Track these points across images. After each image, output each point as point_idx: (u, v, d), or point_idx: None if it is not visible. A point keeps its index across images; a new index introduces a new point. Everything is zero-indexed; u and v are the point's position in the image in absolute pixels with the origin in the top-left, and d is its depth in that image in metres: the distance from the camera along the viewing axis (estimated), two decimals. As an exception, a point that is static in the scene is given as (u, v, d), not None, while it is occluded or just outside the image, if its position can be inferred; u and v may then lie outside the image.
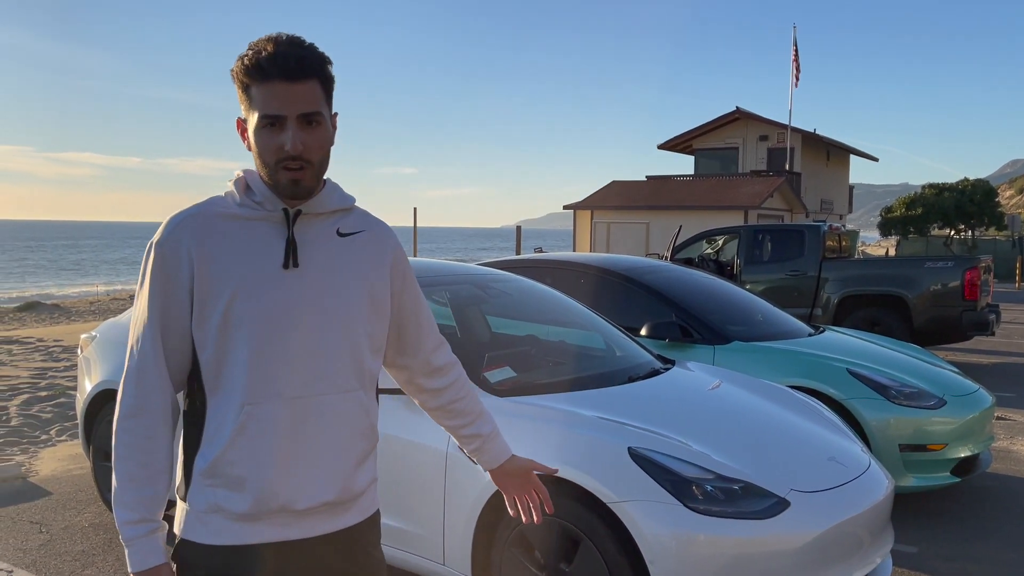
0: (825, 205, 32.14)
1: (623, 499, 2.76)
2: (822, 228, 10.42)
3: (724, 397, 3.62)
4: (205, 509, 1.55)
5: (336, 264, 1.61)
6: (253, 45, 1.51)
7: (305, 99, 1.49)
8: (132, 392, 1.54)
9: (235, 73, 1.52)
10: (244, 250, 1.54)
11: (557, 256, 6.21)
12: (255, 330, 1.52)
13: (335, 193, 1.64)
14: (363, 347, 1.64)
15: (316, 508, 1.59)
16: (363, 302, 1.63)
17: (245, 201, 1.56)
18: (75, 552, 4.02)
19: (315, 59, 1.51)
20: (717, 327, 5.20)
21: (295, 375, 1.55)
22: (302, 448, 1.56)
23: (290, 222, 1.57)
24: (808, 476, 3.02)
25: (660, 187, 27.71)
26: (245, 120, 1.56)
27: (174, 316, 1.54)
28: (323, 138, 1.54)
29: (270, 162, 1.51)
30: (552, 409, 3.17)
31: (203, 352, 1.55)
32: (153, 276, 1.54)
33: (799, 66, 28.20)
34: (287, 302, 1.54)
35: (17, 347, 10.90)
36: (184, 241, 1.53)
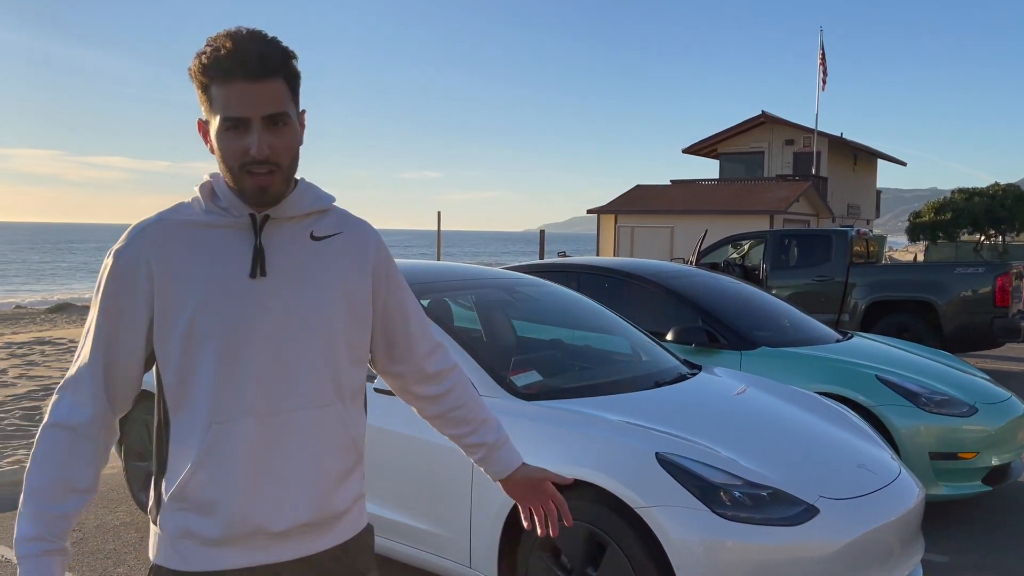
0: (852, 210, 31.82)
1: (651, 504, 2.76)
2: (850, 233, 10.32)
3: (752, 403, 3.61)
4: (176, 534, 1.47)
5: (308, 270, 1.50)
6: (211, 41, 1.39)
7: (270, 99, 1.38)
8: (64, 403, 1.45)
9: (193, 72, 1.41)
10: (208, 260, 1.45)
11: (583, 260, 6.21)
12: (220, 344, 1.43)
13: (308, 194, 1.53)
14: (341, 357, 1.53)
15: (293, 530, 1.49)
16: (340, 309, 1.53)
17: (211, 207, 1.47)
18: (107, 550, 4.09)
19: (279, 55, 1.40)
20: (744, 332, 5.18)
21: (265, 390, 1.46)
22: (275, 467, 1.47)
23: (257, 229, 1.47)
24: (837, 483, 3.00)
25: (685, 191, 27.59)
26: (207, 122, 1.45)
27: (124, 329, 1.45)
28: (291, 139, 1.43)
29: (234, 167, 1.41)
30: (579, 413, 3.17)
31: (166, 369, 1.46)
32: (107, 286, 1.46)
33: (826, 69, 27.96)
34: (254, 313, 1.45)
35: (50, 348, 11.08)
36: (143, 251, 1.44)
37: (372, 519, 3.43)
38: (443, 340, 3.46)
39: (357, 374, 1.59)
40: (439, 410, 1.76)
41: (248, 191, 1.42)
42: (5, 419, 6.71)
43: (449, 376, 1.76)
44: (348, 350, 1.55)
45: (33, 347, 11.10)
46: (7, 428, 6.43)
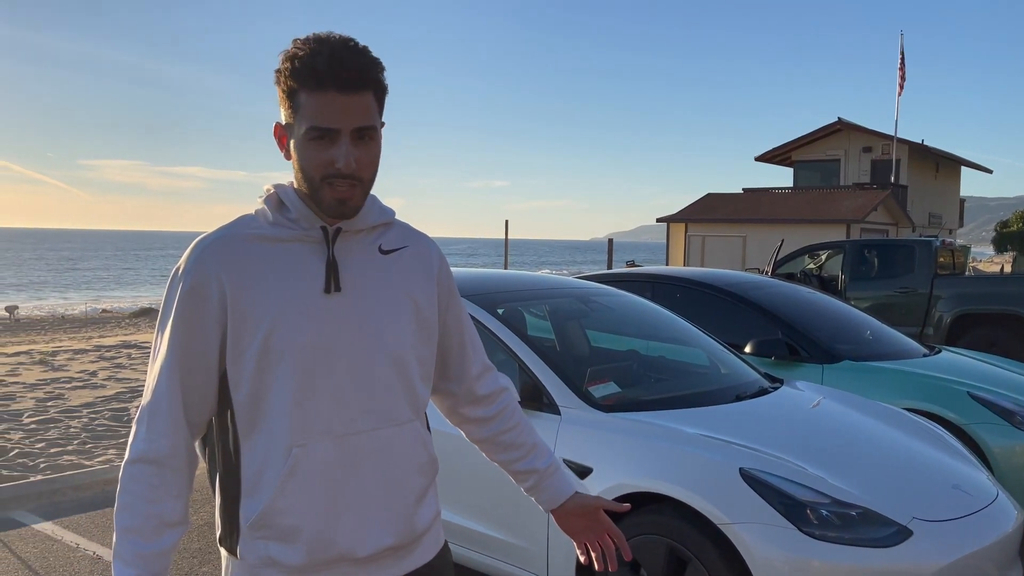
0: (933, 219, 30.75)
1: (734, 521, 2.70)
2: (934, 243, 9.98)
3: (838, 419, 3.50)
4: (257, 563, 1.41)
5: (379, 285, 1.46)
6: (302, 46, 1.34)
7: (361, 112, 1.34)
8: (143, 435, 1.39)
9: (281, 75, 1.35)
10: (281, 275, 1.39)
11: (657, 270, 6.14)
12: (298, 363, 1.37)
13: (374, 206, 1.49)
14: (414, 374, 1.49)
15: (377, 555, 1.45)
16: (411, 325, 1.49)
17: (279, 219, 1.42)
18: (192, 549, 4.21)
19: (373, 68, 1.36)
20: (826, 345, 5.04)
21: (344, 410, 1.41)
22: (356, 490, 1.42)
23: (330, 241, 1.42)
24: (931, 504, 2.89)
25: (757, 200, 27.09)
26: (287, 127, 1.39)
27: (198, 352, 1.39)
28: (375, 154, 1.39)
29: (315, 177, 1.36)
30: (659, 426, 3.13)
31: (238, 391, 1.40)
32: (178, 308, 1.39)
33: (904, 74, 27.13)
34: (331, 330, 1.40)
35: (135, 351, 11.52)
36: (212, 268, 1.38)
37: (444, 525, 3.44)
38: (518, 351, 3.46)
39: (426, 391, 1.55)
40: (487, 433, 1.70)
41: (327, 202, 1.37)
42: (96, 419, 7.00)
43: (499, 398, 1.70)
44: (418, 366, 1.51)
45: (120, 350, 11.56)
46: (97, 428, 6.70)
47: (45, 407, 7.42)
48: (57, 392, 8.17)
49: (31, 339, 14.98)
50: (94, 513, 4.72)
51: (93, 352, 11.30)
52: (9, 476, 5.29)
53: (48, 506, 4.83)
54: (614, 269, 8.57)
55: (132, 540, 1.37)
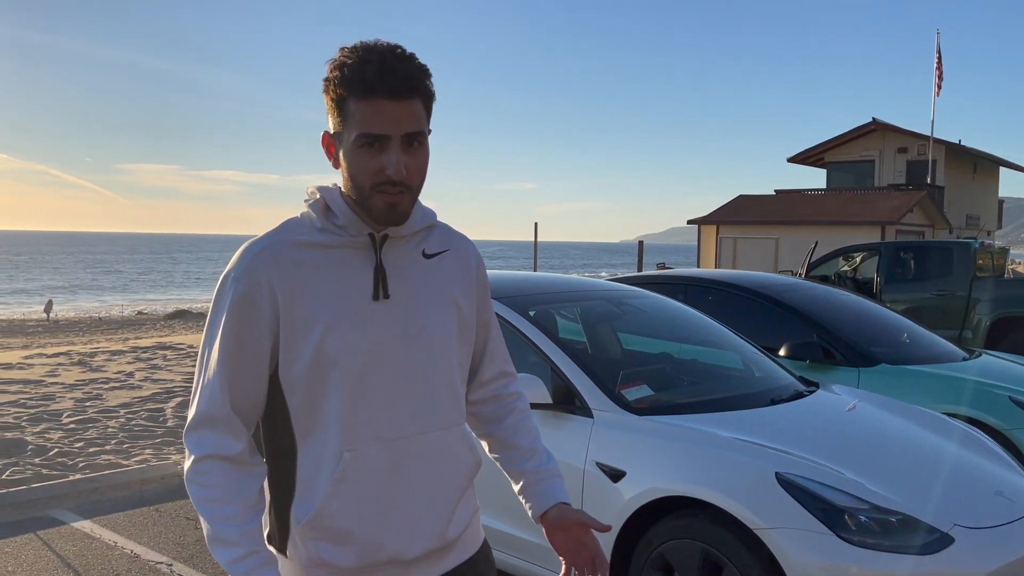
0: (971, 220, 30.19)
1: (770, 526, 2.66)
2: (973, 245, 9.79)
3: (876, 423, 3.44)
4: (308, 564, 1.44)
5: (425, 290, 1.48)
6: (350, 54, 1.35)
7: (410, 118, 1.35)
8: (208, 439, 1.39)
9: (330, 83, 1.36)
10: (330, 282, 1.40)
11: (690, 272, 6.10)
12: (350, 369, 1.39)
13: (418, 211, 1.49)
14: (456, 377, 1.52)
15: (422, 556, 1.48)
16: (454, 328, 1.51)
17: (326, 225, 1.42)
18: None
19: (421, 75, 1.37)
20: (862, 348, 4.96)
21: (394, 414, 1.43)
22: (405, 493, 1.45)
23: (377, 248, 1.43)
24: (973, 511, 2.83)
25: (790, 201, 26.79)
26: (335, 135, 1.40)
27: (250, 358, 1.40)
28: (423, 161, 1.40)
29: (365, 186, 1.37)
30: (693, 430, 3.10)
31: (292, 396, 1.42)
32: (228, 315, 1.39)
33: (942, 74, 26.69)
34: (381, 336, 1.41)
35: (171, 352, 11.68)
36: (263, 274, 1.38)
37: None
38: (550, 353, 3.45)
39: (463, 396, 1.57)
40: (489, 430, 1.70)
41: (377, 209, 1.38)
42: (133, 420, 7.10)
43: (509, 401, 1.70)
44: (459, 369, 1.54)
45: (156, 351, 11.73)
46: (135, 428, 6.80)
47: (84, 407, 7.56)
48: (95, 392, 8.31)
49: (69, 340, 15.28)
50: (132, 512, 4.79)
51: (130, 353, 11.49)
52: (49, 475, 5.39)
53: (87, 505, 4.92)
54: (644, 272, 8.53)
55: (229, 524, 1.36)
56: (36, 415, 7.15)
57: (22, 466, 5.57)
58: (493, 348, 1.68)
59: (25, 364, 10.29)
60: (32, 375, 9.39)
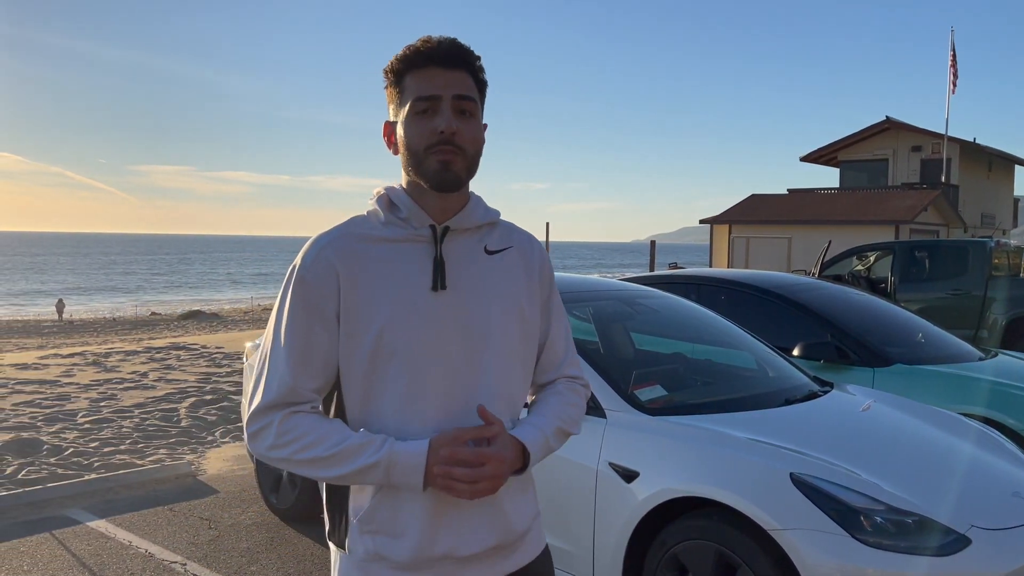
0: (986, 219, 29.95)
1: (785, 527, 2.65)
2: (988, 244, 9.72)
3: (891, 423, 3.42)
4: (366, 557, 1.46)
5: (485, 284, 1.49)
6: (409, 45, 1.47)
7: (460, 83, 1.43)
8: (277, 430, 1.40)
9: (389, 68, 1.46)
10: (392, 275, 1.43)
11: (703, 272, 6.07)
12: (408, 361, 1.41)
13: (480, 206, 1.53)
14: (515, 376, 1.52)
15: (480, 554, 1.48)
16: (515, 326, 1.51)
17: (390, 219, 1.46)
18: (241, 548, 4.27)
19: (470, 53, 1.47)
20: (877, 348, 4.93)
21: (451, 408, 1.44)
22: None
23: (438, 239, 1.46)
24: (990, 512, 2.80)
25: (803, 201, 26.66)
26: (393, 123, 1.48)
27: (318, 345, 1.43)
28: (475, 130, 1.45)
29: (419, 149, 1.42)
30: (707, 430, 3.09)
31: (350, 386, 1.45)
32: (294, 302, 1.43)
33: (956, 72, 26.49)
34: (439, 328, 1.43)
35: (184, 352, 11.74)
36: (331, 265, 1.42)
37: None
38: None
39: (523, 394, 1.56)
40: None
41: (431, 171, 1.41)
42: (147, 419, 7.15)
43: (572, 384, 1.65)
44: (520, 368, 1.53)
45: (170, 352, 11.80)
46: (148, 428, 6.84)
47: (98, 407, 7.60)
48: (110, 392, 8.36)
49: (84, 341, 15.39)
50: (146, 511, 4.81)
51: (144, 354, 11.55)
52: (64, 474, 5.42)
53: (102, 504, 4.94)
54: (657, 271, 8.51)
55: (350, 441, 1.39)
56: (51, 415, 7.20)
57: (38, 466, 5.61)
58: (557, 349, 1.63)
59: (40, 364, 10.37)
60: (47, 375, 9.46)
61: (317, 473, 1.41)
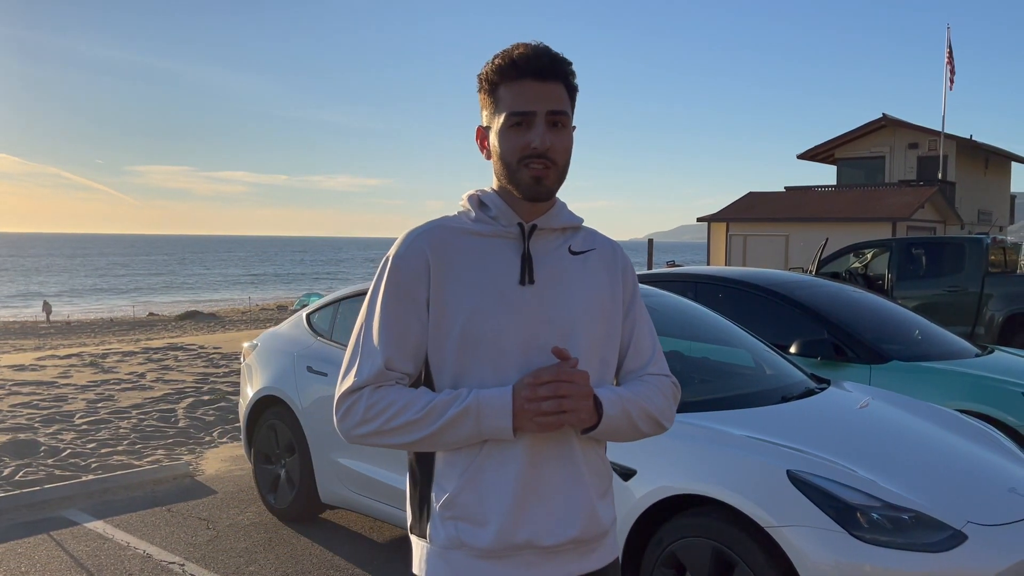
0: (983, 216, 29.99)
1: (782, 524, 2.65)
2: (985, 241, 9.73)
3: (888, 420, 3.43)
4: (446, 544, 1.47)
5: (570, 282, 1.53)
6: (504, 50, 1.50)
7: (554, 98, 1.47)
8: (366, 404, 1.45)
9: (484, 75, 1.51)
10: (480, 266, 1.49)
11: (700, 270, 6.08)
12: (494, 350, 1.45)
13: (564, 210, 1.59)
14: (599, 371, 1.54)
15: (563, 545, 1.49)
16: (598, 324, 1.54)
17: (480, 216, 1.52)
18: (239, 549, 4.27)
19: (565, 63, 1.50)
20: (874, 345, 4.94)
21: None
22: (544, 479, 1.47)
23: (526, 236, 1.51)
24: (986, 508, 2.81)
25: (800, 198, 26.68)
26: (487, 128, 1.53)
27: (410, 329, 1.48)
28: (567, 141, 1.50)
29: (512, 161, 1.47)
30: (704, 428, 3.09)
31: (440, 374, 1.49)
32: (388, 288, 1.49)
33: (953, 69, 26.52)
34: (525, 320, 1.47)
35: (182, 353, 11.73)
36: (423, 253, 1.48)
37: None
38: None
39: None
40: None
41: (524, 183, 1.47)
42: (144, 420, 7.14)
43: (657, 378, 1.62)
44: (603, 367, 1.55)
45: (167, 352, 11.78)
46: (146, 429, 6.83)
47: (96, 408, 7.59)
48: (107, 393, 8.35)
49: (81, 342, 15.37)
50: (144, 512, 4.81)
51: (141, 354, 11.54)
52: (62, 476, 5.42)
53: (99, 505, 4.94)
54: (655, 269, 8.51)
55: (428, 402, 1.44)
56: (49, 416, 7.19)
57: (35, 467, 5.60)
58: (645, 349, 1.63)
59: (38, 365, 10.36)
60: (45, 376, 9.45)
61: (411, 437, 1.43)
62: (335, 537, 4.44)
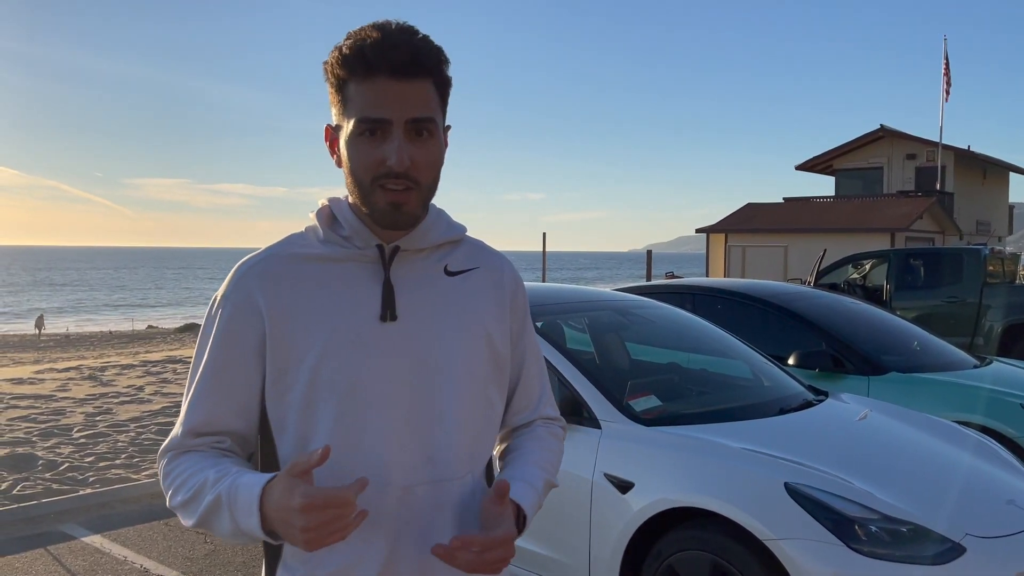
0: (981, 226, 30.04)
1: (780, 536, 2.65)
2: (983, 252, 9.75)
3: (886, 432, 3.42)
4: None
5: (445, 312, 1.27)
6: (354, 33, 1.19)
7: (417, 101, 1.17)
8: (162, 473, 1.23)
9: (329, 66, 1.20)
10: (329, 301, 1.22)
11: (699, 281, 6.09)
12: (349, 402, 1.20)
13: (440, 222, 1.31)
14: (479, 416, 1.30)
15: None
16: (480, 359, 1.29)
17: (330, 236, 1.25)
18: (237, 563, 4.25)
19: (431, 53, 1.19)
20: (872, 356, 4.94)
21: (405, 458, 1.22)
22: (415, 550, 1.23)
23: (386, 262, 1.25)
24: (985, 520, 2.80)
25: (798, 209, 26.73)
26: (336, 127, 1.24)
27: (236, 382, 1.23)
28: (434, 153, 1.21)
29: (365, 180, 1.19)
30: (702, 440, 3.09)
31: (282, 434, 1.23)
32: (214, 341, 1.24)
33: (950, 80, 26.63)
34: (387, 364, 1.22)
35: (181, 366, 11.72)
36: (254, 293, 1.22)
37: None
38: (557, 364, 3.44)
39: (491, 440, 1.35)
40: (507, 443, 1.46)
41: (379, 209, 1.20)
42: (143, 434, 7.13)
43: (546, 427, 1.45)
44: (488, 409, 1.32)
45: (166, 365, 11.77)
46: (144, 443, 6.82)
47: (94, 422, 7.58)
48: (105, 407, 8.34)
49: (80, 355, 15.35)
50: (142, 526, 4.80)
51: (140, 367, 11.53)
52: (59, 489, 5.40)
53: (97, 519, 4.93)
54: (653, 281, 8.53)
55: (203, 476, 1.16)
56: (47, 430, 7.18)
57: (33, 481, 5.59)
58: (534, 388, 1.43)
59: (36, 379, 10.34)
60: (43, 390, 9.44)
61: (191, 521, 1.18)
62: (333, 551, 4.43)
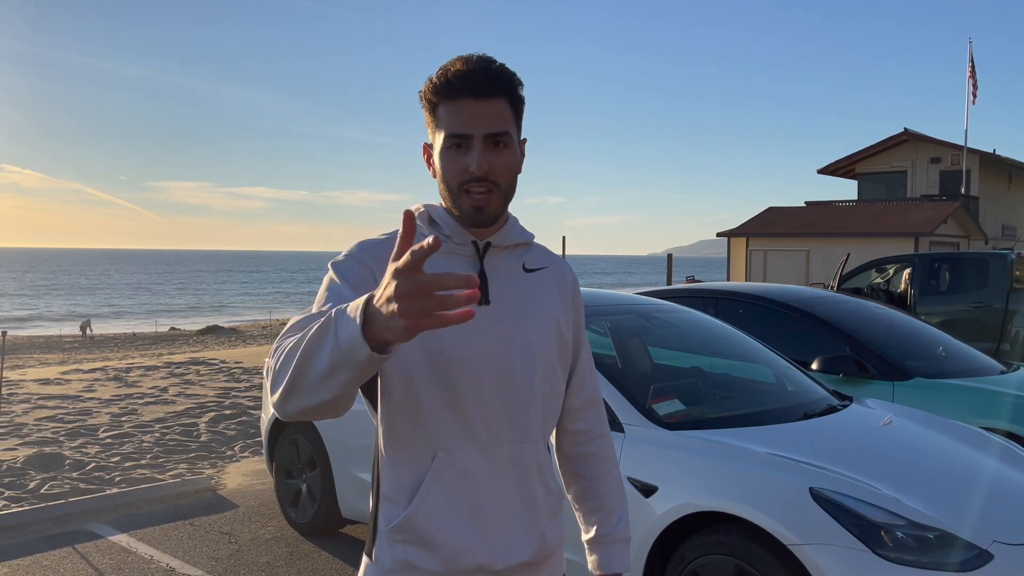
0: (1007, 231, 29.66)
1: (805, 542, 2.64)
2: (1009, 256, 9.63)
3: (911, 437, 3.40)
4: (393, 567, 1.42)
5: (526, 301, 1.49)
6: (443, 66, 1.42)
7: (493, 118, 1.39)
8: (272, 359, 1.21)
9: (423, 93, 1.43)
10: None
11: (720, 285, 6.06)
12: (449, 370, 1.40)
13: (516, 227, 1.53)
14: (549, 391, 1.50)
15: (512, 568, 1.45)
16: (553, 343, 1.50)
17: (432, 233, 1.38)
18: (261, 563, 4.29)
19: (505, 77, 1.41)
20: (896, 362, 4.90)
21: (490, 419, 1.42)
22: (498, 500, 1.43)
23: (481, 255, 1.47)
24: (1012, 527, 2.78)
25: (820, 213, 26.53)
26: (431, 145, 1.46)
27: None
28: (510, 161, 1.42)
29: (454, 185, 1.40)
30: (725, 445, 3.08)
31: (386, 395, 1.42)
32: (335, 278, 1.39)
33: (976, 83, 26.34)
34: (481, 341, 1.42)
35: (203, 368, 11.82)
36: (368, 263, 1.41)
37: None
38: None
39: (555, 412, 1.54)
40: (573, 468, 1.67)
41: (465, 211, 1.41)
42: (167, 434, 7.20)
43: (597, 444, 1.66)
44: (557, 385, 1.52)
45: (189, 367, 11.88)
46: (169, 443, 6.89)
47: (119, 422, 7.67)
48: (131, 407, 8.44)
49: (105, 356, 15.53)
50: (167, 526, 4.85)
51: (164, 369, 11.64)
52: (86, 489, 5.48)
53: (123, 518, 4.99)
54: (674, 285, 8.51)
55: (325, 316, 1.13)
56: (73, 430, 7.27)
57: (60, 480, 5.66)
58: (584, 373, 1.64)
59: (63, 380, 10.48)
60: (70, 390, 9.56)
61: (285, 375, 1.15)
62: (356, 552, 4.45)
